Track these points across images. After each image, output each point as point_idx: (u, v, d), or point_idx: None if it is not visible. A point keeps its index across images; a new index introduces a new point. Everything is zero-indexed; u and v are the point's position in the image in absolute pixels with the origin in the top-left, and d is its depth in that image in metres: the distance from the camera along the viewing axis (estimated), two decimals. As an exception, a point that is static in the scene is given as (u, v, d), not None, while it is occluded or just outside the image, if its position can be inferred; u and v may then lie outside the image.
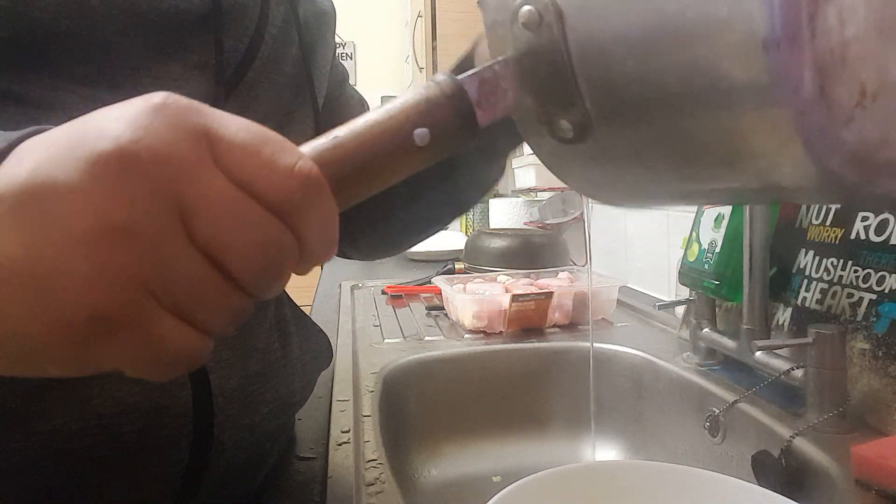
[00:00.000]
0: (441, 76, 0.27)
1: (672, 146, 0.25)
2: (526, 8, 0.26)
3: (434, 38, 1.72)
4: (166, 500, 0.43)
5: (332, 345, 0.89)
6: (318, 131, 0.58)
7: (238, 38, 0.45)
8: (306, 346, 0.59)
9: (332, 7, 0.62)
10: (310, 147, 0.25)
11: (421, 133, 0.26)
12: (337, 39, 0.66)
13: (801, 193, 0.24)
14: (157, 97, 0.22)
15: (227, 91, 0.45)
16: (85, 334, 0.20)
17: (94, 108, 0.38)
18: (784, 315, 0.71)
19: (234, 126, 0.22)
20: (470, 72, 0.28)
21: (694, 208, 0.82)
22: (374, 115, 0.27)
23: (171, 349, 0.21)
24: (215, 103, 0.44)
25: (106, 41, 0.37)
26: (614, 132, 0.26)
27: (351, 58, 3.14)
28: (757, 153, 0.22)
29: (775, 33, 0.20)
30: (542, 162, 0.31)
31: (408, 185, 0.57)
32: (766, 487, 0.45)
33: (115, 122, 0.21)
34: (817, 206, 0.70)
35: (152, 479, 0.42)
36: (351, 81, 0.68)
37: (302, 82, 0.53)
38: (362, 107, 0.69)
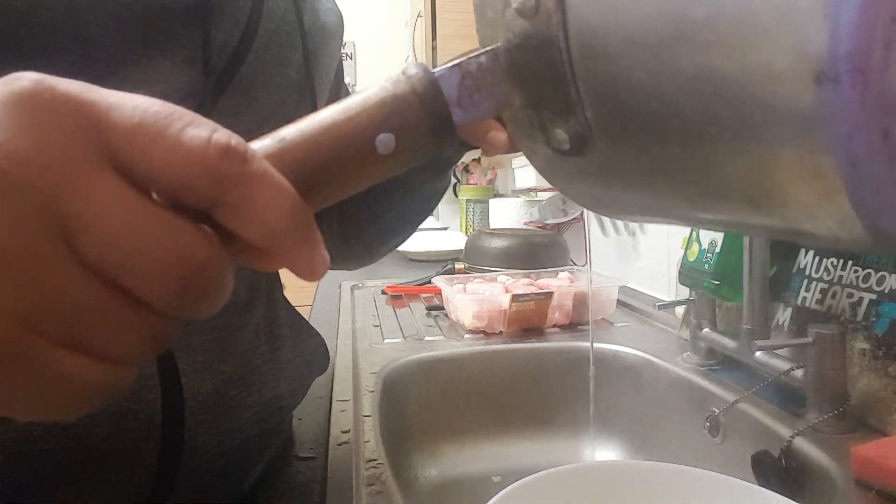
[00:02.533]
0: (413, 68, 0.23)
1: (686, 174, 0.21)
2: None
3: (434, 38, 1.72)
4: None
5: (332, 345, 0.89)
6: None
7: (229, 31, 0.44)
8: (300, 350, 0.58)
9: (341, 19, 0.61)
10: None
11: (384, 139, 0.22)
12: (339, 43, 0.65)
13: (834, 243, 0.19)
14: (24, 80, 0.17)
15: (219, 87, 0.44)
16: None
17: None
18: (784, 315, 0.71)
19: (128, 107, 0.18)
20: (449, 63, 0.23)
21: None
22: (329, 112, 0.22)
23: (74, 385, 0.18)
24: (206, 100, 0.43)
25: (87, 33, 0.36)
26: (618, 149, 0.22)
27: (351, 58, 3.14)
28: (789, 199, 0.18)
29: (835, 60, 0.15)
30: (538, 170, 0.26)
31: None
32: (766, 487, 0.45)
33: None
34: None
35: (120, 482, 0.42)
36: (351, 81, 0.68)
37: (304, 89, 0.52)
38: None
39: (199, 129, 0.18)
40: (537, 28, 0.21)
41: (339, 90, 0.65)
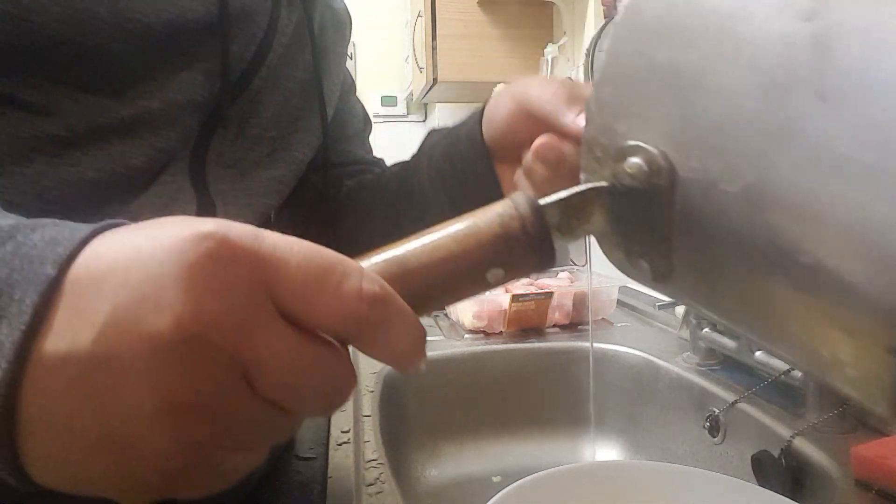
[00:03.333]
0: (524, 205, 0.24)
1: (751, 313, 0.23)
2: (634, 161, 0.23)
3: (434, 38, 1.72)
4: None
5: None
6: (326, 139, 0.58)
7: (244, 45, 0.45)
8: None
9: (349, 16, 0.62)
10: (371, 263, 0.23)
11: (495, 273, 0.24)
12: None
13: (865, 400, 0.21)
14: (208, 238, 0.20)
15: (231, 97, 0.45)
16: (159, 487, 0.21)
17: (94, 116, 0.37)
18: (784, 315, 0.71)
19: (293, 261, 0.21)
20: (555, 197, 0.25)
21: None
22: (443, 238, 0.24)
23: (231, 472, 0.22)
24: (220, 110, 0.44)
25: (109, 49, 0.37)
26: (694, 284, 0.25)
27: (351, 58, 3.14)
28: (842, 359, 0.20)
29: None
30: (615, 266, 0.28)
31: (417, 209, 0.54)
32: (766, 487, 0.45)
33: (172, 286, 0.19)
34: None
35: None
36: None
37: (311, 88, 0.52)
38: (365, 124, 0.68)
39: (352, 282, 0.21)
40: (646, 189, 0.24)
41: (346, 94, 0.65)
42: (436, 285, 0.24)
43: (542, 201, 0.25)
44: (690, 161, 0.22)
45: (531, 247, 0.24)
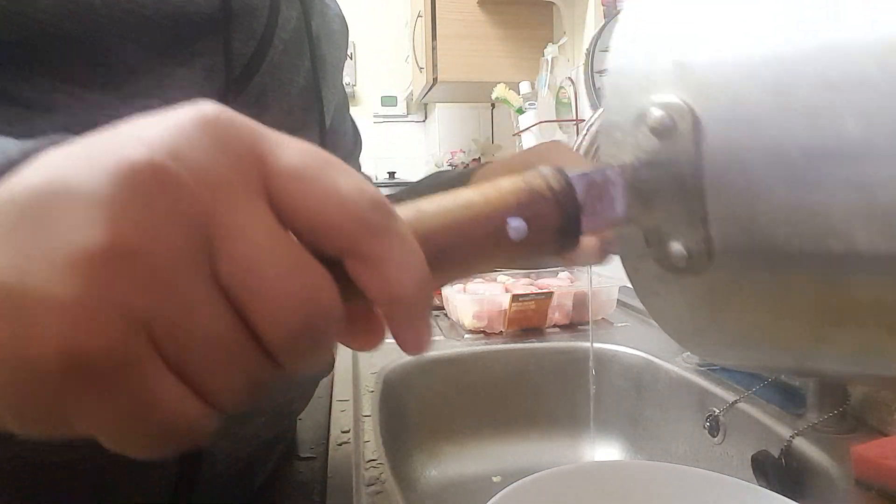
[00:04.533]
0: (547, 168, 0.23)
1: (817, 307, 0.20)
2: (657, 112, 0.22)
3: (434, 38, 1.72)
4: None
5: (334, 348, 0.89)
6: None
7: (245, 40, 0.44)
8: None
9: (346, 25, 0.61)
10: None
11: (517, 226, 0.22)
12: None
13: None
14: (210, 108, 0.18)
15: (232, 96, 0.44)
16: (57, 378, 0.16)
17: (92, 113, 0.37)
18: (784, 315, 0.71)
19: (292, 149, 0.19)
20: (578, 171, 0.24)
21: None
22: (465, 193, 0.22)
23: (163, 417, 0.17)
24: None
25: (108, 44, 0.36)
26: (741, 269, 0.21)
27: (351, 58, 3.14)
28: None
29: None
30: (637, 291, 0.25)
31: None
32: (766, 487, 0.45)
33: (155, 127, 0.17)
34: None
35: (139, 492, 0.41)
36: (351, 81, 0.68)
37: (311, 97, 0.52)
38: (355, 146, 0.67)
39: (353, 179, 0.18)
40: (670, 147, 0.22)
41: (339, 102, 0.64)
42: (453, 232, 0.21)
43: (577, 171, 0.24)
44: (717, 107, 0.20)
45: (557, 202, 0.22)
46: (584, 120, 1.41)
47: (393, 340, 0.20)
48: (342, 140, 0.65)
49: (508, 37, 1.74)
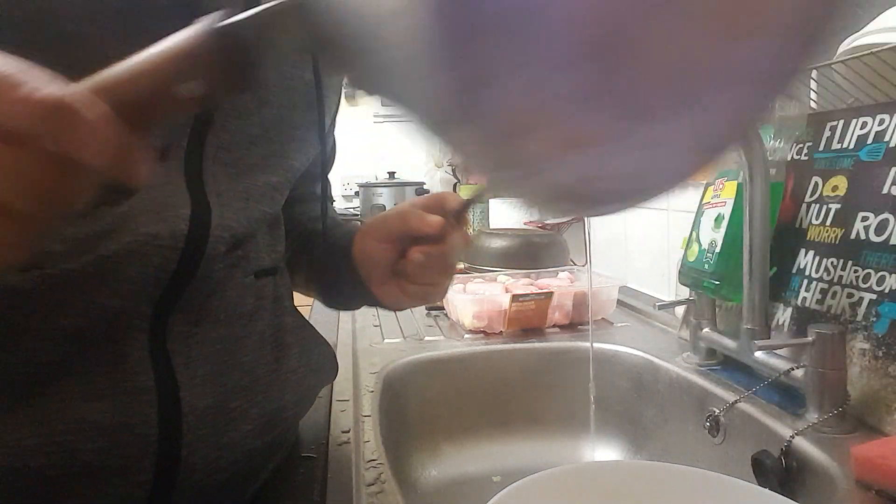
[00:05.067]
0: (212, 17, 0.27)
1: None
2: None
3: (434, 38, 1.72)
4: None
5: (332, 345, 0.89)
6: (325, 158, 0.57)
7: None
8: (305, 358, 0.57)
9: None
10: (93, 79, 0.27)
11: (190, 87, 0.27)
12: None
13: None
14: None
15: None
16: None
17: None
18: (784, 315, 0.71)
19: None
20: (244, 14, 0.27)
21: (693, 208, 0.82)
22: (149, 51, 0.27)
23: None
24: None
25: (66, 28, 0.36)
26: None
27: (351, 58, 3.12)
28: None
29: None
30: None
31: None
32: (766, 487, 0.45)
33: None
34: (817, 207, 0.70)
35: (114, 499, 0.41)
36: (350, 81, 0.67)
37: (313, 100, 0.51)
38: (334, 156, 0.67)
39: (26, 88, 0.24)
40: None
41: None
42: (145, 90, 0.26)
43: (232, 19, 0.27)
44: None
45: (224, 59, 0.26)
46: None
47: (393, 341, 0.20)
48: (333, 148, 0.65)
49: (508, 37, 1.74)
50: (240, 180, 0.47)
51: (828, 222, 0.68)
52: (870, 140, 0.65)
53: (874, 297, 0.60)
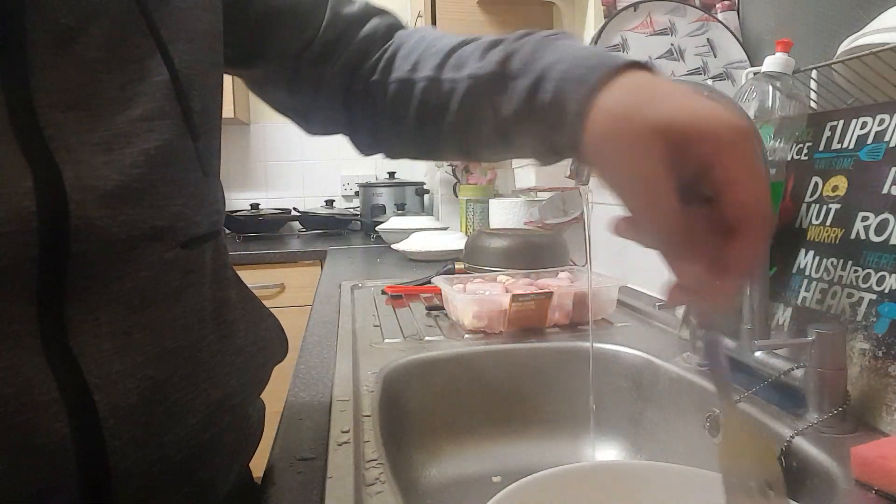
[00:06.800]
0: None
1: None
2: None
3: (434, 38, 1.72)
4: None
5: (333, 345, 0.89)
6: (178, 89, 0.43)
7: None
8: (252, 335, 0.51)
9: None
10: None
11: None
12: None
13: None
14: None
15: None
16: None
17: None
18: (784, 315, 0.71)
19: None
20: None
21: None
22: None
23: None
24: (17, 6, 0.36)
25: None
26: None
27: (351, 58, 3.13)
28: None
29: None
30: None
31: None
32: (766, 487, 0.45)
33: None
34: (817, 207, 0.70)
35: None
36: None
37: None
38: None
39: None
40: None
41: None
42: None
43: None
44: None
45: None
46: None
47: (393, 341, 0.20)
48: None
49: (508, 37, 1.74)
50: (98, 122, 0.38)
51: (828, 222, 0.68)
52: (870, 140, 0.65)
53: (874, 297, 0.60)
